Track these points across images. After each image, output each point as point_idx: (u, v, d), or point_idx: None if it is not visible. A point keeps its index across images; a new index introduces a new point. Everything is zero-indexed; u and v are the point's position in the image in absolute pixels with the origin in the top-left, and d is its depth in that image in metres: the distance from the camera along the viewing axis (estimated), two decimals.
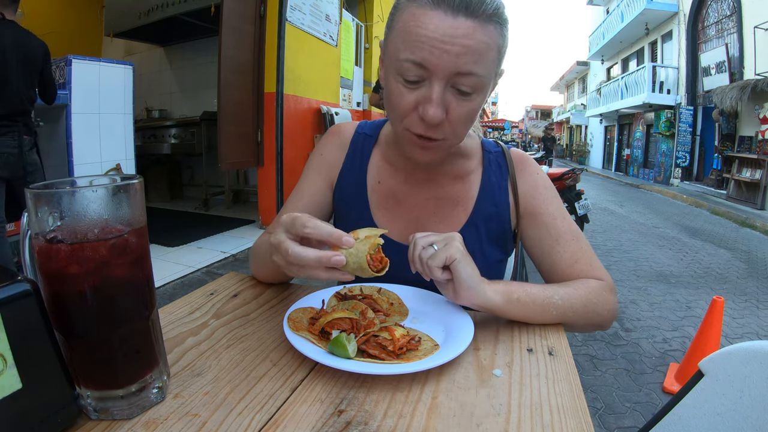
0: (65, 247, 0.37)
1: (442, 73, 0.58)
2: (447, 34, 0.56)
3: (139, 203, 0.41)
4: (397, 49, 0.61)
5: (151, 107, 5.61)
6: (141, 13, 4.77)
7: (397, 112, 0.64)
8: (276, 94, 4.05)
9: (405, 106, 0.62)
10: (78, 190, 0.38)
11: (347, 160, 0.83)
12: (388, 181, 0.80)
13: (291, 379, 0.49)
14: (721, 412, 0.59)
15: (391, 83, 0.63)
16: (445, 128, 0.63)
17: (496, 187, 0.78)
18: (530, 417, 0.43)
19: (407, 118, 0.63)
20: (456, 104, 0.61)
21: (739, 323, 2.80)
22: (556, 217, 0.75)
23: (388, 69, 0.65)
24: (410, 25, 0.59)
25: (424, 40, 0.57)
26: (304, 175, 0.85)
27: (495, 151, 0.82)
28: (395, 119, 0.66)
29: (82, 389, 0.40)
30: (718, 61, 9.64)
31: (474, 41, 0.57)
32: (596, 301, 0.66)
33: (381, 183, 0.80)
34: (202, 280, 2.92)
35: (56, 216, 0.37)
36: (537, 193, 0.77)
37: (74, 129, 2.59)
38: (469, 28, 0.57)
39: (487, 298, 0.59)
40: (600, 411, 1.82)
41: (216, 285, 0.77)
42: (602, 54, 17.63)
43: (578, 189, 4.41)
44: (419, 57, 0.58)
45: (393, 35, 0.63)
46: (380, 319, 0.60)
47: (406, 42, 0.59)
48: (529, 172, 0.79)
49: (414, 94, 0.61)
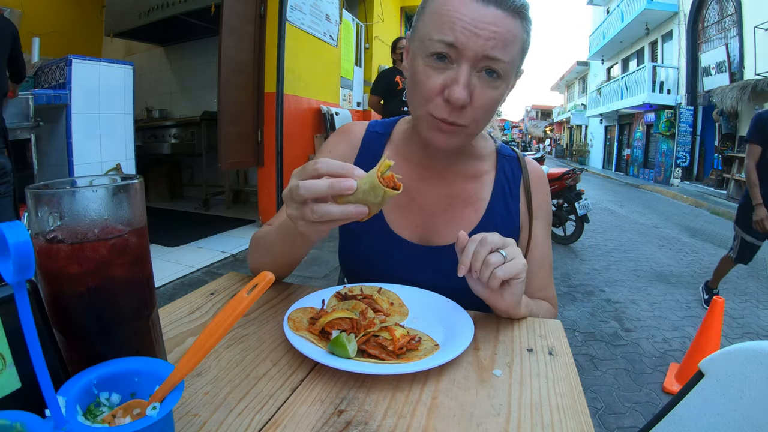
0: (65, 247, 0.37)
1: (471, 53, 0.61)
2: (478, 18, 0.60)
3: (140, 203, 0.41)
4: (428, 30, 0.64)
5: (151, 107, 5.61)
6: (141, 13, 4.76)
7: (422, 94, 0.65)
8: (276, 94, 4.05)
9: (431, 88, 0.64)
10: (78, 190, 0.38)
11: (359, 157, 0.83)
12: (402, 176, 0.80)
13: (291, 379, 0.49)
14: (721, 412, 0.59)
15: (419, 65, 0.65)
16: (467, 114, 0.64)
17: (507, 192, 0.80)
18: (530, 417, 0.43)
19: (432, 102, 0.65)
20: (480, 90, 0.63)
21: (739, 323, 2.80)
22: (545, 244, 0.80)
23: (416, 52, 0.67)
24: (444, 9, 0.62)
25: (457, 22, 0.60)
26: None
27: (509, 156, 0.83)
28: (419, 102, 0.67)
29: None
30: (718, 61, 9.64)
31: (502, 29, 0.61)
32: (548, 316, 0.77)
33: None
34: (202, 280, 2.92)
35: (56, 216, 0.36)
36: (542, 215, 0.80)
37: (74, 129, 2.59)
38: (498, 17, 0.61)
39: (518, 309, 0.63)
40: (600, 411, 1.82)
41: (216, 285, 0.77)
42: (602, 54, 17.64)
43: (578, 189, 4.40)
44: (451, 37, 0.61)
45: (424, 18, 0.66)
46: (380, 319, 0.60)
47: (438, 24, 0.62)
48: (543, 189, 0.82)
49: (441, 76, 0.63)
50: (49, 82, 2.72)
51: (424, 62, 0.64)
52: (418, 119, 0.70)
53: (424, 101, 0.65)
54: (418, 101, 0.67)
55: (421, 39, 0.65)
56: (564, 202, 4.45)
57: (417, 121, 0.71)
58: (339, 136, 0.86)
